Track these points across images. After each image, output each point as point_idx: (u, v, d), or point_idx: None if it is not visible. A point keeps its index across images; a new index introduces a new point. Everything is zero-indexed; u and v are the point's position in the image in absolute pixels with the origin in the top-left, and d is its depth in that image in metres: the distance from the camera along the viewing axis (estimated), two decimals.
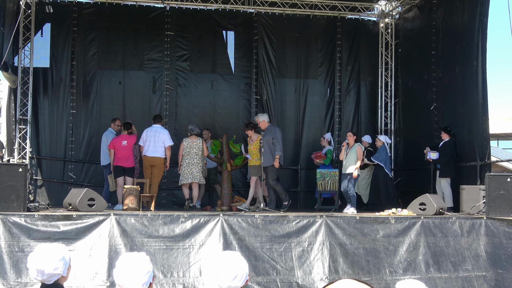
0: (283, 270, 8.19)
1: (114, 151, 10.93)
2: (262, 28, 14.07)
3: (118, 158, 10.94)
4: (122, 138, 11.09)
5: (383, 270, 8.39)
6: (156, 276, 7.68)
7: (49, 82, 13.26)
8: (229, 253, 2.94)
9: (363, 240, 8.55)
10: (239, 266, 2.85)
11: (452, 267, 8.51)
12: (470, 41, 10.99)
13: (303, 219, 8.58)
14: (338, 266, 8.33)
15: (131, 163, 11.06)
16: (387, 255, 8.49)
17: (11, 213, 7.98)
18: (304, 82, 14.27)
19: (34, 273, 3.21)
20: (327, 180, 11.86)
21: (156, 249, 8.09)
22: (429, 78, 12.62)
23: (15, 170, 8.39)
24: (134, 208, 9.69)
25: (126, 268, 2.89)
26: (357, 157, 10.73)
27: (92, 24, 13.48)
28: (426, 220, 8.82)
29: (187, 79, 13.83)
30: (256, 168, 10.80)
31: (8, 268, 7.66)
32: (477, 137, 10.81)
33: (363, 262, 8.39)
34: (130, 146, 11.06)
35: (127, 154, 11.00)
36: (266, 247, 8.33)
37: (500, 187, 8.87)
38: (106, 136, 11.69)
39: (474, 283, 8.50)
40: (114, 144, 10.99)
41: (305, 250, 8.37)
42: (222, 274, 2.82)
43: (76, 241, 7.90)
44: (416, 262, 8.51)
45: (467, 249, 8.69)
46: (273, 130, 10.59)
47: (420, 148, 12.98)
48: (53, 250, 3.25)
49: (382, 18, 14.61)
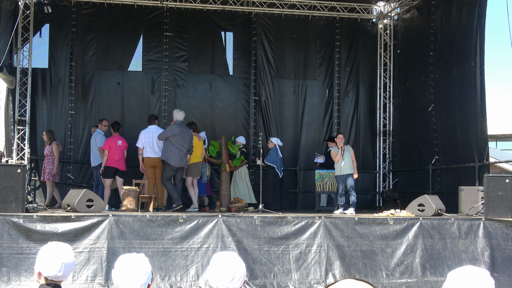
0: (280, 273, 8.19)
1: (108, 151, 10.84)
2: (261, 29, 14.07)
3: (112, 159, 10.87)
4: (117, 138, 11.05)
5: (379, 273, 8.40)
6: (154, 278, 7.67)
7: (47, 83, 13.25)
8: (226, 254, 2.92)
9: (361, 242, 8.56)
10: (237, 267, 2.84)
11: (448, 270, 8.49)
12: (468, 42, 11.01)
13: (302, 220, 8.58)
14: (335, 269, 8.34)
15: (124, 166, 11.04)
16: (384, 257, 8.50)
17: (10, 214, 7.96)
18: (303, 83, 14.27)
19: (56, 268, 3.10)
20: (325, 181, 11.87)
21: (154, 251, 8.09)
22: (427, 79, 12.63)
23: (14, 171, 8.37)
24: (133, 209, 9.68)
25: (124, 269, 2.87)
26: (352, 158, 10.82)
27: (91, 25, 13.48)
28: (425, 221, 8.83)
29: (185, 80, 13.83)
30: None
31: (7, 271, 7.65)
32: (475, 138, 10.83)
33: (360, 265, 8.40)
34: (124, 148, 11.05)
35: (121, 155, 10.98)
36: (264, 249, 8.34)
37: (499, 188, 8.88)
38: (94, 137, 11.59)
39: None
40: (110, 144, 10.90)
41: (302, 253, 8.37)
42: (220, 276, 2.81)
43: (74, 242, 7.89)
44: (413, 266, 8.51)
45: (464, 252, 8.70)
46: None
47: (418, 149, 13.01)
48: (60, 246, 3.20)
49: (380, 19, 14.62)
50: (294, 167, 14.07)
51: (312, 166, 13.55)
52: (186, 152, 10.37)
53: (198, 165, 11.09)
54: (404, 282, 8.32)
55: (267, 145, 12.78)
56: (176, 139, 10.20)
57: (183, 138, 10.29)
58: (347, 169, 10.76)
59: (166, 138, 10.25)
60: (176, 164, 10.23)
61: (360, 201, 13.17)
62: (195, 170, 11.04)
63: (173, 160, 10.18)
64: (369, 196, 14.48)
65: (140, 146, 10.64)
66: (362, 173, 13.93)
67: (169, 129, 10.44)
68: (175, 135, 10.23)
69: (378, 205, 14.03)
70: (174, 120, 10.60)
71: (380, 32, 14.62)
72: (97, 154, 11.37)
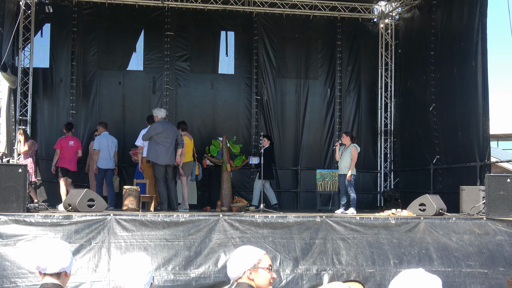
0: (287, 260, 8.13)
1: (59, 151, 11.09)
2: (262, 29, 14.08)
3: (64, 159, 11.09)
4: (69, 138, 11.28)
5: (387, 261, 8.32)
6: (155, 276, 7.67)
7: (48, 83, 13.26)
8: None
9: (366, 232, 8.54)
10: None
11: (455, 261, 8.44)
12: (469, 41, 10.99)
13: (303, 219, 8.57)
14: (342, 257, 8.28)
15: (75, 167, 11.28)
16: (391, 247, 8.45)
17: (11, 214, 7.97)
18: (305, 83, 14.27)
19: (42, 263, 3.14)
20: (326, 181, 11.87)
21: (155, 250, 8.07)
22: (428, 78, 12.62)
23: (15, 170, 8.38)
24: (134, 208, 9.68)
25: (126, 268, 2.88)
26: (352, 158, 10.67)
27: (92, 25, 13.49)
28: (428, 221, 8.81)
29: (187, 79, 13.83)
30: None
31: (9, 272, 7.64)
32: (477, 137, 10.81)
33: (367, 253, 8.33)
34: (76, 148, 11.25)
35: (72, 156, 11.21)
36: (269, 239, 8.30)
37: (500, 187, 8.87)
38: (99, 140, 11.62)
39: (477, 279, 8.45)
40: (62, 144, 11.14)
41: (307, 243, 8.32)
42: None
43: (75, 242, 7.88)
44: (420, 256, 8.44)
45: (470, 245, 8.64)
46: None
47: (419, 148, 13.00)
48: (60, 242, 3.26)
49: (381, 18, 14.62)
50: (295, 166, 14.07)
51: (314, 166, 13.57)
52: (173, 148, 10.23)
53: (189, 164, 11.09)
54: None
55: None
56: (160, 137, 10.12)
57: (167, 135, 10.19)
58: (342, 169, 10.72)
59: (150, 137, 10.17)
60: (164, 162, 10.12)
61: (361, 200, 13.19)
62: (187, 169, 11.04)
63: (159, 159, 10.09)
64: (370, 195, 14.48)
65: (140, 144, 10.65)
66: (363, 172, 13.95)
67: (151, 128, 10.30)
68: (159, 133, 10.14)
69: (379, 205, 14.03)
70: (157, 118, 10.48)
71: (381, 31, 14.61)
72: (102, 157, 11.31)
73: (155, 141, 10.11)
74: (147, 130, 10.38)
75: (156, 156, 10.07)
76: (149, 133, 10.21)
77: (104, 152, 11.16)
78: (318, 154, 14.19)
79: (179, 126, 11.26)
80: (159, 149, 10.06)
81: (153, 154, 10.09)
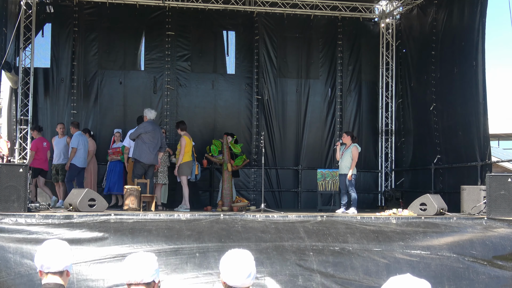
0: (294, 238, 8.10)
1: (35, 152, 11.35)
2: (263, 28, 14.08)
3: (40, 160, 11.38)
4: (42, 140, 11.58)
5: (393, 243, 8.23)
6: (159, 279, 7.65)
7: (49, 83, 13.28)
8: (239, 251, 3.00)
9: (370, 223, 8.53)
10: (251, 264, 2.93)
11: (462, 252, 8.35)
12: (470, 41, 10.99)
13: (304, 218, 8.57)
14: (348, 240, 8.17)
15: (47, 166, 11.63)
16: (396, 233, 8.40)
17: (12, 214, 7.97)
18: (306, 82, 14.27)
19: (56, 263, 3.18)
20: (327, 180, 11.86)
21: (156, 251, 8.07)
22: (428, 78, 12.62)
23: (16, 170, 8.38)
24: (135, 208, 9.69)
25: (134, 266, 2.92)
26: (353, 157, 10.67)
27: (93, 24, 13.49)
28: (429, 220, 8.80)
29: (188, 79, 13.84)
30: None
31: (10, 271, 7.65)
32: (477, 137, 10.81)
33: (372, 237, 8.24)
34: (47, 149, 11.60)
35: (46, 157, 11.60)
36: (272, 226, 8.29)
37: (501, 187, 8.85)
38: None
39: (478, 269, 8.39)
40: (38, 146, 11.42)
41: (312, 230, 8.29)
42: (236, 273, 2.88)
43: (76, 242, 7.88)
44: (425, 238, 8.39)
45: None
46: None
47: (420, 148, 13.00)
48: (61, 242, 3.31)
49: (382, 18, 14.61)
50: (296, 166, 14.07)
51: (314, 166, 13.55)
52: (157, 150, 10.37)
53: (189, 164, 11.10)
54: (417, 253, 8.17)
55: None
56: (148, 136, 10.22)
57: (154, 135, 10.31)
58: (343, 169, 10.72)
59: (138, 135, 10.28)
60: (148, 161, 10.27)
61: (362, 200, 13.19)
62: (187, 169, 11.05)
63: (144, 157, 10.21)
64: (371, 195, 14.47)
65: (127, 145, 11.02)
66: (364, 172, 13.95)
67: (141, 126, 10.44)
68: (148, 132, 10.24)
69: (380, 205, 14.04)
70: (146, 119, 10.58)
71: (382, 31, 14.61)
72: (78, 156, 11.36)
73: (142, 140, 10.24)
74: (136, 128, 10.56)
75: (140, 154, 10.22)
76: (137, 131, 10.37)
77: (81, 151, 11.23)
78: (319, 153, 14.19)
79: (178, 126, 11.29)
80: (144, 148, 10.20)
81: (138, 152, 10.25)
